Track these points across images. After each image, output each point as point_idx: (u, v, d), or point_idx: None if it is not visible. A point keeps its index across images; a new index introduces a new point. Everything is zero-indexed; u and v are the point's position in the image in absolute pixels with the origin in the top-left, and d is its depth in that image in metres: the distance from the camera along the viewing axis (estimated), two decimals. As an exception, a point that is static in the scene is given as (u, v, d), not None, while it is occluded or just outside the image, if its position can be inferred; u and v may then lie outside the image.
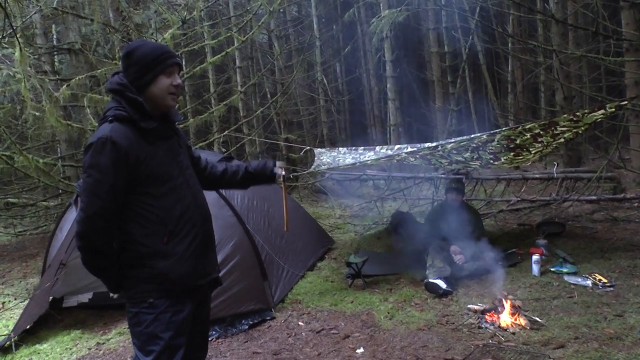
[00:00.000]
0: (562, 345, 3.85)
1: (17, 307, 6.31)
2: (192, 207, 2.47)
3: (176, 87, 2.44)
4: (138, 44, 2.45)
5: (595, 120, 5.03)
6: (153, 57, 2.39)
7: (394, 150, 6.54)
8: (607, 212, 7.81)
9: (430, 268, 5.47)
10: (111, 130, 2.27)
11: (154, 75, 2.38)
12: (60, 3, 9.01)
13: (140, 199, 2.32)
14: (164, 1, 10.32)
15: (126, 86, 2.37)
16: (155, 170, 2.35)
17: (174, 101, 2.47)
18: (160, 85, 2.40)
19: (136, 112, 2.34)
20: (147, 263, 2.33)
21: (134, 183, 2.30)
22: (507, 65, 17.68)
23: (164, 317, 2.33)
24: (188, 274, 2.41)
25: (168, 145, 2.48)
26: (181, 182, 2.46)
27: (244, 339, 4.64)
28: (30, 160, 7.16)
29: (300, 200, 11.27)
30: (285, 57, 18.33)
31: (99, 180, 2.23)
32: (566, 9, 12.33)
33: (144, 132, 2.35)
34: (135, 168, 2.28)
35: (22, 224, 11.87)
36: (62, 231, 5.83)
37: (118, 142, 2.24)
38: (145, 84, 2.39)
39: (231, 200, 5.60)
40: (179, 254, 2.37)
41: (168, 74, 2.41)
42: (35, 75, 7.51)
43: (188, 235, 2.41)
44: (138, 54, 2.40)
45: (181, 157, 2.54)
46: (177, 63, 2.45)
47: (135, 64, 2.39)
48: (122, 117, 2.32)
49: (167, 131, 2.49)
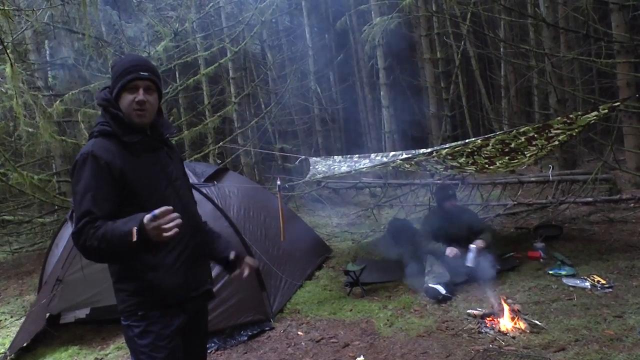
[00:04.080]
0: (562, 348, 3.83)
1: (14, 324, 6.27)
2: (181, 217, 2.45)
3: (139, 104, 2.36)
4: (122, 57, 2.44)
5: (589, 122, 5.05)
6: (119, 72, 2.37)
7: (389, 157, 6.55)
8: (604, 213, 7.82)
9: (429, 274, 5.45)
10: (93, 145, 2.29)
11: (118, 91, 2.37)
12: (52, 18, 9.01)
13: (127, 210, 2.27)
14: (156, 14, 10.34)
15: (109, 101, 2.38)
16: (141, 182, 2.34)
17: (140, 118, 2.38)
18: (124, 101, 2.37)
19: (119, 126, 2.34)
20: (137, 275, 2.32)
21: (121, 195, 2.29)
22: (499, 70, 17.74)
23: (153, 330, 2.31)
24: (179, 286, 2.39)
25: (156, 157, 2.46)
26: (169, 193, 2.44)
27: (243, 350, 4.61)
28: (25, 177, 7.14)
29: (297, 209, 11.24)
30: (278, 67, 18.37)
31: (84, 194, 2.22)
32: (557, 12, 12.40)
33: (128, 146, 2.35)
34: (120, 180, 2.27)
35: (19, 241, 11.80)
36: (58, 247, 5.80)
37: (98, 155, 2.25)
38: (115, 99, 2.39)
39: (227, 211, 5.58)
40: (168, 265, 2.35)
41: (130, 90, 2.36)
42: (28, 91, 7.51)
43: (177, 246, 2.38)
44: (114, 69, 2.42)
45: (170, 168, 2.52)
46: (139, 78, 2.37)
47: (112, 77, 2.42)
48: (106, 132, 2.34)
49: (154, 143, 2.47)
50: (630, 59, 9.09)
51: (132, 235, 2.04)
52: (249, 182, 7.67)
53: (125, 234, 2.06)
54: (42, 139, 7.81)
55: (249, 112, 17.41)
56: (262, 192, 7.43)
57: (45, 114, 7.45)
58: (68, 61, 10.03)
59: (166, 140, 2.58)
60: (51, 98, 9.45)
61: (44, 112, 7.46)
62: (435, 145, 9.79)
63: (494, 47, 17.00)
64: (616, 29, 9.23)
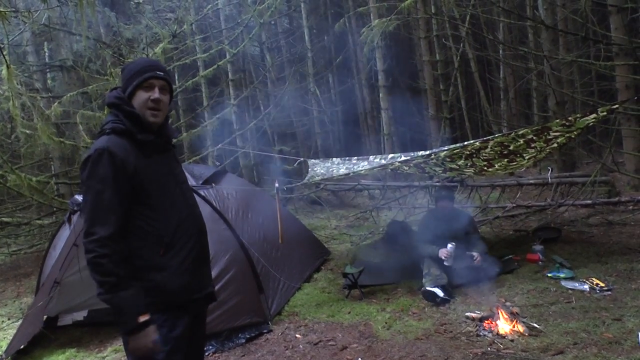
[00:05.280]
0: (561, 351, 3.82)
1: (11, 327, 6.25)
2: (189, 219, 2.47)
3: (154, 102, 2.40)
4: (134, 60, 2.48)
5: (588, 124, 5.04)
6: (135, 71, 2.41)
7: (387, 160, 6.54)
8: (603, 216, 7.82)
9: (426, 276, 5.44)
10: (108, 141, 2.30)
11: (133, 89, 2.40)
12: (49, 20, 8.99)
13: (137, 210, 2.31)
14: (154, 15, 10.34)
15: (123, 99, 2.40)
16: (152, 182, 2.36)
17: (154, 117, 2.41)
18: (138, 99, 2.40)
19: (133, 124, 2.36)
20: (142, 276, 2.30)
21: (132, 194, 2.30)
22: (498, 72, 17.74)
23: (160, 333, 2.29)
24: (184, 288, 2.39)
25: (164, 158, 2.49)
26: (178, 195, 2.47)
27: (241, 353, 4.60)
28: (22, 179, 7.13)
29: (296, 211, 11.23)
30: (277, 69, 18.34)
31: (100, 191, 2.22)
32: (556, 15, 12.42)
33: (141, 145, 2.37)
34: (133, 179, 2.29)
35: (17, 243, 11.78)
36: (56, 249, 5.79)
37: (115, 152, 2.26)
38: (128, 98, 2.41)
39: (225, 214, 5.57)
40: (175, 267, 2.36)
41: (146, 88, 2.40)
42: (26, 93, 7.50)
43: (184, 247, 2.40)
44: (127, 69, 2.46)
45: (178, 170, 2.56)
46: (156, 77, 2.42)
47: (123, 78, 2.44)
48: (119, 130, 2.34)
49: (163, 145, 2.50)
50: (629, 62, 9.09)
51: (136, 321, 2.20)
52: (247, 184, 7.66)
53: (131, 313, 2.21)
54: (40, 141, 7.79)
55: (247, 114, 17.39)
56: (260, 194, 7.41)
57: (43, 116, 7.44)
58: (67, 63, 10.02)
59: (173, 143, 2.62)
60: (50, 100, 9.44)
61: (42, 114, 7.45)
62: (434, 148, 9.77)
63: (493, 50, 17.01)
64: (615, 32, 9.24)
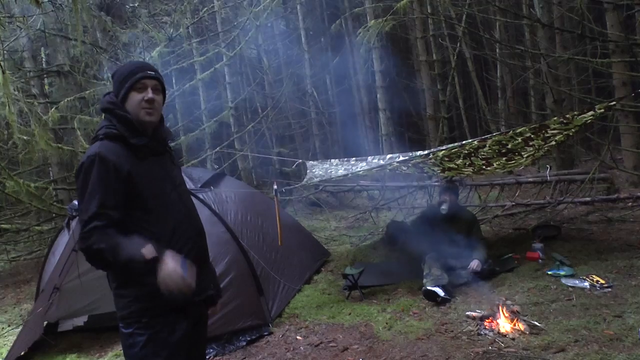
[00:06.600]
0: (562, 349, 3.82)
1: (11, 333, 6.22)
2: (186, 222, 2.46)
3: (148, 102, 2.40)
4: (123, 64, 2.47)
5: (585, 122, 5.05)
6: (126, 73, 2.41)
7: (385, 160, 6.54)
8: (602, 213, 7.81)
9: (427, 276, 5.43)
10: (100, 147, 2.30)
11: (126, 91, 2.39)
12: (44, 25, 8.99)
13: (133, 214, 2.31)
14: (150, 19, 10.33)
15: (116, 104, 2.39)
16: (148, 185, 2.35)
17: (149, 115, 2.41)
18: (131, 101, 2.39)
19: (126, 129, 2.35)
20: (141, 280, 2.27)
21: (127, 198, 2.29)
22: (496, 71, 17.77)
23: (159, 337, 2.28)
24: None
25: (160, 161, 2.48)
26: (174, 197, 2.46)
27: (241, 356, 4.59)
28: (21, 185, 7.12)
29: (295, 213, 11.22)
30: (274, 71, 18.34)
31: (92, 196, 2.22)
32: (552, 13, 12.42)
33: (135, 149, 2.36)
34: (127, 183, 2.28)
35: (16, 249, 11.74)
36: (55, 255, 5.76)
37: (107, 157, 2.26)
38: (121, 101, 2.40)
39: (224, 217, 5.56)
40: None
41: (139, 89, 2.40)
42: (23, 99, 7.49)
43: (182, 250, 2.37)
44: (117, 73, 2.46)
45: (174, 173, 2.55)
46: (148, 77, 2.41)
47: (115, 82, 2.44)
48: (112, 135, 2.34)
49: (158, 147, 2.49)
50: (626, 58, 9.10)
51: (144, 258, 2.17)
52: (246, 187, 7.65)
53: (138, 257, 2.18)
54: (38, 146, 7.78)
55: (245, 116, 17.39)
56: (259, 197, 7.41)
57: (40, 122, 7.43)
58: (64, 68, 10.01)
59: (168, 146, 2.62)
60: (47, 105, 9.43)
61: (40, 120, 7.44)
62: (432, 147, 9.77)
63: (490, 48, 17.04)
64: (611, 29, 9.24)
